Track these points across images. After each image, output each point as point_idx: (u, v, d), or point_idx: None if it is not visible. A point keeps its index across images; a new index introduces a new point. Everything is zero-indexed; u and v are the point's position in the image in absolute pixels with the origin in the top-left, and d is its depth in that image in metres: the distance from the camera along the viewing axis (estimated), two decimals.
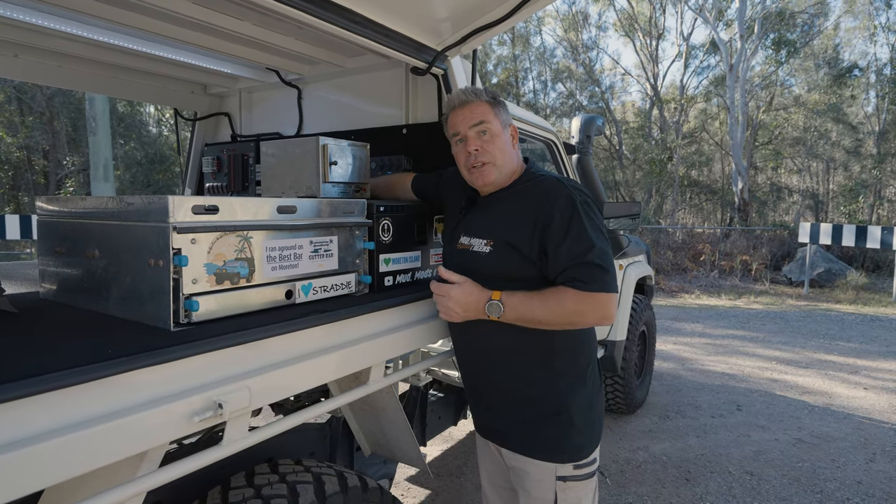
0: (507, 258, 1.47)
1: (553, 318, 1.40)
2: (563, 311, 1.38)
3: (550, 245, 1.41)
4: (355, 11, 1.68)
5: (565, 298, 1.37)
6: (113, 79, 2.65)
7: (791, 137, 19.21)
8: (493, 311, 1.43)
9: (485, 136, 1.53)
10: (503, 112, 1.59)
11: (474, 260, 1.52)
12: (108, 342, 1.05)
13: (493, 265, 1.49)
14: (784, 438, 4.00)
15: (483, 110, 1.54)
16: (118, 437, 0.94)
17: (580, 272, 1.37)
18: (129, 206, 1.22)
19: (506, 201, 1.55)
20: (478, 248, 1.52)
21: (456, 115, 1.58)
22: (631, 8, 20.14)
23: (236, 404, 1.09)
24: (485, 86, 1.60)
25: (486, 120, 1.53)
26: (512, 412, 1.55)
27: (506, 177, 1.57)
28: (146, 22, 1.97)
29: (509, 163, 1.57)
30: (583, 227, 1.39)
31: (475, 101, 1.55)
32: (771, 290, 11.08)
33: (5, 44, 2.14)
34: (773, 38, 17.82)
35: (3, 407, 0.82)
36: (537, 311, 1.40)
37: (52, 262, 1.44)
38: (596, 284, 1.36)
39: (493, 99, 1.57)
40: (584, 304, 1.36)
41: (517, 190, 1.55)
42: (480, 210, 1.61)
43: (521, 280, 1.46)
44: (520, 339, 1.49)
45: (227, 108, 3.05)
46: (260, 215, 1.33)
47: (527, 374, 1.52)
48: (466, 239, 1.58)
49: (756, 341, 6.96)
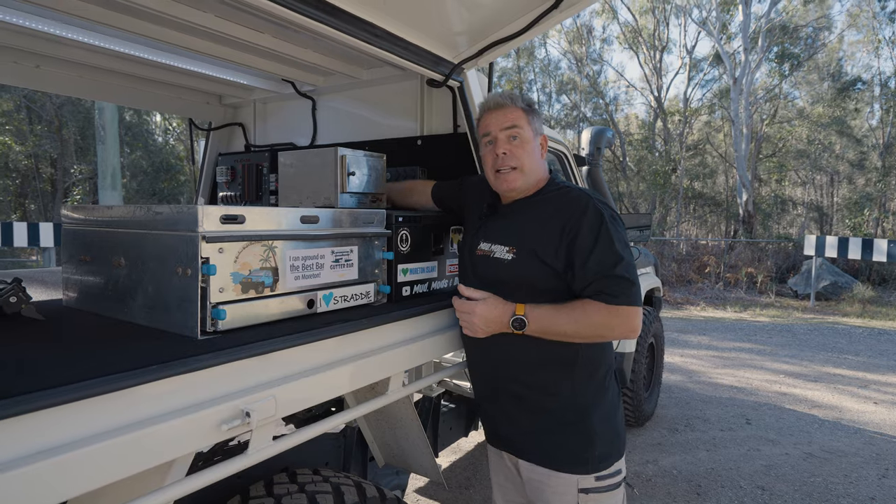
0: (530, 267, 1.45)
1: (579, 331, 1.38)
2: (589, 324, 1.37)
3: (577, 257, 1.40)
4: (377, 25, 1.70)
5: (592, 311, 1.36)
6: (130, 89, 2.69)
7: (795, 150, 19.25)
8: (517, 325, 1.42)
9: (515, 140, 1.52)
10: (536, 120, 1.57)
11: (495, 266, 1.50)
12: (136, 351, 1.06)
13: (515, 273, 1.47)
14: (795, 453, 3.96)
15: (517, 115, 1.53)
16: (147, 446, 0.94)
17: (607, 285, 1.36)
18: (158, 215, 1.23)
19: (530, 210, 1.53)
20: (499, 255, 1.50)
21: (489, 116, 1.57)
22: (635, 21, 20.30)
23: (263, 413, 1.09)
24: (522, 94, 1.60)
25: (519, 125, 1.52)
26: (531, 423, 1.52)
27: (531, 185, 1.56)
28: (166, 33, 2.00)
29: (536, 171, 1.55)
30: (610, 240, 1.38)
31: (510, 105, 1.54)
32: (777, 302, 11.04)
33: (27, 54, 2.18)
34: (776, 52, 17.93)
35: (36, 416, 0.83)
36: (563, 324, 1.39)
37: (76, 270, 1.45)
38: (623, 297, 1.35)
39: (529, 106, 1.56)
40: (612, 318, 1.35)
41: (542, 199, 1.54)
42: (502, 217, 1.59)
43: (543, 290, 1.44)
44: (541, 350, 1.46)
45: (241, 119, 3.08)
46: (284, 225, 1.35)
47: (547, 384, 1.49)
48: (487, 245, 1.55)
49: (763, 354, 6.92)
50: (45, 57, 2.22)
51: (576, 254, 1.40)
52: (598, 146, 3.43)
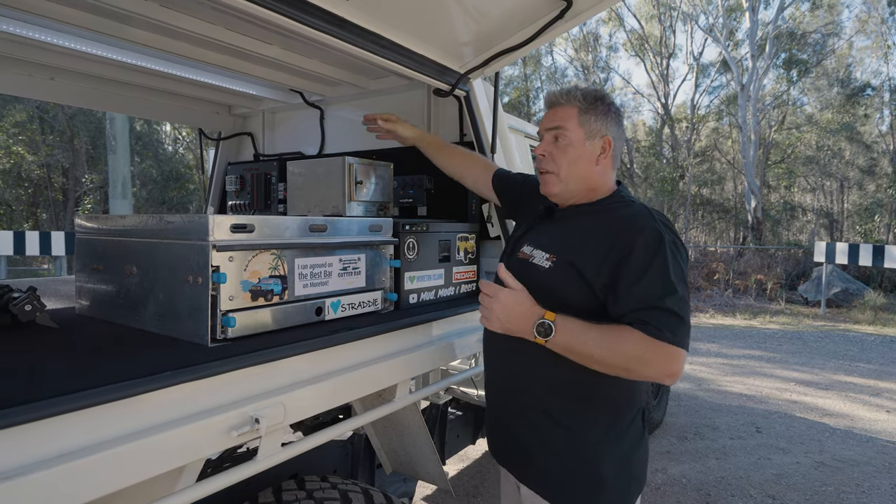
0: (566, 279, 1.30)
1: (608, 359, 1.19)
2: (622, 353, 1.18)
3: (624, 279, 1.22)
4: (384, 36, 1.73)
5: (629, 340, 1.17)
6: (142, 100, 2.73)
7: (804, 156, 19.13)
8: (543, 332, 1.23)
9: (557, 143, 1.38)
10: (597, 121, 1.38)
11: (531, 272, 1.35)
12: (147, 358, 1.08)
13: (549, 283, 1.32)
14: (806, 462, 3.92)
15: (566, 115, 1.38)
16: (158, 452, 0.96)
17: (654, 316, 1.18)
18: (169, 224, 1.26)
19: (583, 219, 1.38)
20: (538, 261, 1.36)
21: (545, 115, 1.45)
22: (641, 28, 20.34)
23: (272, 419, 1.11)
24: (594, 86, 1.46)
25: (565, 126, 1.37)
26: (537, 450, 1.37)
27: (576, 191, 1.40)
28: (177, 46, 2.04)
29: (579, 177, 1.38)
30: (666, 269, 1.21)
31: (564, 105, 1.40)
32: (787, 309, 10.93)
33: (42, 67, 2.23)
34: (784, 58, 17.88)
35: (50, 422, 0.85)
36: (592, 345, 1.20)
37: (89, 279, 1.48)
38: (669, 334, 1.16)
39: (590, 103, 1.38)
40: (650, 353, 1.16)
41: (599, 210, 1.38)
42: (554, 223, 1.45)
43: (575, 307, 1.28)
44: (559, 372, 1.30)
45: (250, 128, 3.12)
46: (292, 234, 1.37)
47: (558, 414, 1.33)
48: (529, 249, 1.41)
49: (773, 362, 6.85)
50: (59, 69, 2.27)
51: (623, 274, 1.22)
52: None
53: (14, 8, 1.65)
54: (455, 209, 2.28)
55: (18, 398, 0.82)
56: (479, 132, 2.14)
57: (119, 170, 8.99)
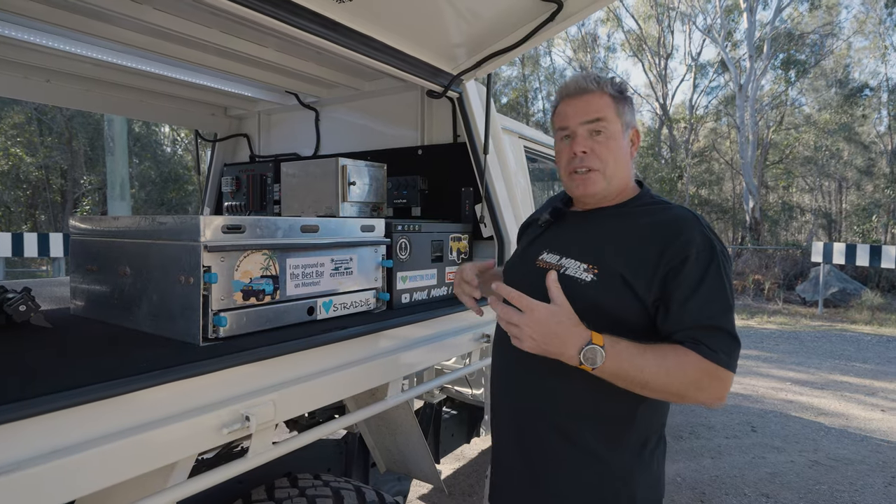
0: (616, 293, 1.14)
1: (664, 384, 1.06)
2: (681, 378, 1.05)
3: (677, 292, 1.10)
4: (375, 39, 1.75)
5: (689, 364, 1.05)
6: (138, 102, 2.75)
7: (802, 156, 19.18)
8: (591, 359, 1.04)
9: (598, 136, 1.23)
10: (629, 111, 1.26)
11: (568, 287, 1.15)
12: (139, 357, 1.09)
13: (596, 299, 1.15)
14: (800, 460, 3.93)
15: (602, 104, 1.23)
16: (150, 448, 0.98)
17: (710, 337, 1.07)
18: (161, 225, 1.27)
19: (618, 223, 1.23)
20: (574, 273, 1.19)
21: (568, 105, 1.26)
22: (639, 29, 20.38)
23: (262, 417, 1.12)
24: (613, 77, 1.31)
25: (604, 117, 1.22)
26: (559, 489, 1.21)
27: (614, 191, 1.27)
28: (172, 48, 2.06)
29: (622, 174, 1.26)
30: (721, 283, 1.10)
31: (595, 91, 1.24)
32: (784, 309, 10.96)
33: (39, 70, 2.24)
34: (782, 59, 17.92)
35: (43, 419, 0.86)
36: (649, 370, 1.05)
37: (83, 280, 1.50)
38: (725, 357, 1.06)
39: (619, 92, 1.25)
40: (707, 378, 1.05)
41: (634, 212, 1.24)
42: (576, 226, 1.30)
43: (628, 326, 1.12)
44: (598, 394, 1.14)
45: (246, 130, 3.14)
46: (284, 234, 1.38)
47: (593, 444, 1.17)
48: (554, 257, 1.25)
49: (770, 361, 6.87)
50: (55, 72, 2.29)
51: (675, 287, 1.10)
52: None
53: (9, 11, 1.67)
54: (449, 210, 2.30)
55: (12, 396, 0.84)
56: (472, 133, 2.16)
57: (117, 171, 9.00)
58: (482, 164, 2.12)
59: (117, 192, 9.05)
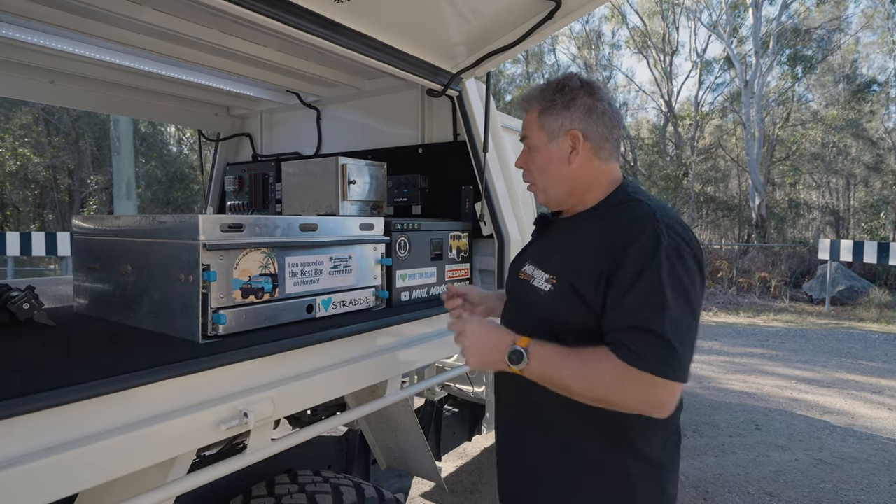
0: (568, 302, 1.12)
1: (585, 390, 1.04)
2: (600, 383, 1.02)
3: (611, 294, 1.06)
4: (374, 38, 1.76)
5: (606, 368, 1.01)
6: (142, 102, 2.77)
7: (809, 153, 19.03)
8: (515, 360, 1.07)
9: (530, 153, 1.26)
10: (556, 118, 1.20)
11: (530, 296, 1.20)
12: (139, 354, 1.11)
13: (551, 308, 1.16)
14: (805, 459, 3.92)
15: (528, 121, 1.26)
16: (150, 443, 0.99)
17: (634, 338, 1.00)
18: (162, 224, 1.29)
19: (582, 228, 1.21)
20: (538, 283, 1.19)
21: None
22: (644, 26, 20.28)
23: (261, 414, 1.14)
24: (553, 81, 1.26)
25: (528, 134, 1.25)
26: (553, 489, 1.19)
27: (568, 197, 1.25)
28: (175, 49, 2.07)
29: (557, 183, 1.24)
30: (658, 281, 1.01)
31: (527, 110, 1.27)
32: (791, 307, 10.89)
33: (43, 71, 2.27)
34: (788, 54, 17.80)
35: (45, 413, 0.88)
36: (567, 375, 1.04)
37: (86, 278, 1.52)
38: (650, 361, 0.98)
39: (548, 101, 1.22)
40: (623, 382, 1.00)
41: (599, 215, 1.20)
42: (553, 235, 1.30)
43: (583, 334, 1.10)
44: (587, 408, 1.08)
45: (248, 129, 3.15)
46: (283, 233, 1.39)
47: (588, 454, 1.15)
48: (531, 268, 1.24)
49: (776, 360, 6.84)
50: (59, 73, 2.31)
51: (613, 285, 1.06)
52: None
53: (14, 14, 1.69)
54: (449, 208, 2.31)
55: (13, 391, 0.85)
56: (472, 132, 2.16)
57: (123, 171, 9.06)
58: (482, 163, 2.12)
59: (123, 192, 9.12)
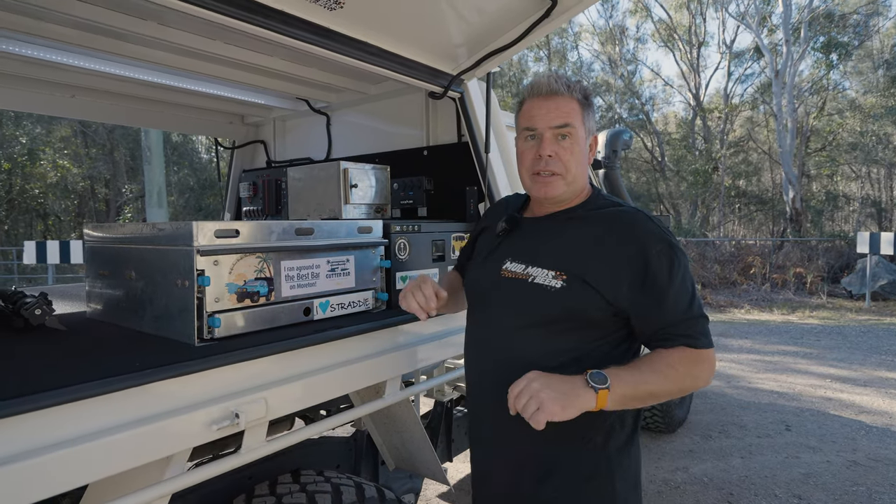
0: (584, 298, 1.16)
1: (668, 388, 1.13)
2: (678, 377, 1.11)
3: (649, 296, 1.14)
4: (371, 43, 1.78)
5: (678, 361, 1.12)
6: (159, 113, 2.87)
7: (847, 143, 18.32)
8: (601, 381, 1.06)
9: (564, 141, 1.24)
10: (591, 117, 1.28)
11: (537, 295, 1.20)
12: (139, 357, 1.15)
13: (566, 305, 1.17)
14: (837, 461, 3.78)
15: (571, 110, 1.24)
16: (147, 440, 1.04)
17: (690, 327, 1.13)
18: (161, 231, 1.34)
19: (578, 227, 1.26)
20: (542, 281, 1.20)
21: (536, 105, 1.26)
22: (669, 18, 19.88)
23: (253, 414, 1.17)
24: (580, 81, 1.31)
25: (572, 124, 1.23)
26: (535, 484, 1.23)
27: (573, 194, 1.29)
28: (188, 62, 2.14)
29: (582, 179, 1.29)
30: (685, 275, 1.16)
31: (564, 94, 1.24)
32: (829, 303, 10.51)
33: (63, 86, 2.37)
34: (822, 41, 17.17)
35: (50, 412, 0.93)
36: (652, 381, 1.10)
37: (96, 284, 1.58)
38: (705, 339, 1.14)
39: (585, 98, 1.27)
40: (699, 365, 1.13)
41: (590, 215, 1.26)
42: (535, 232, 1.30)
43: (595, 328, 1.19)
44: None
45: (262, 136, 3.23)
46: (278, 238, 1.43)
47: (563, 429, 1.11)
48: (519, 266, 1.25)
49: (810, 357, 6.61)
50: (79, 88, 2.41)
51: (648, 290, 1.14)
52: (615, 149, 3.41)
53: (38, 35, 1.77)
54: (454, 209, 2.32)
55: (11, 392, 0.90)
56: (474, 132, 2.17)
57: (154, 179, 9.38)
58: (484, 163, 2.13)
59: (155, 200, 9.43)
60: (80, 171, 16.00)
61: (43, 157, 15.32)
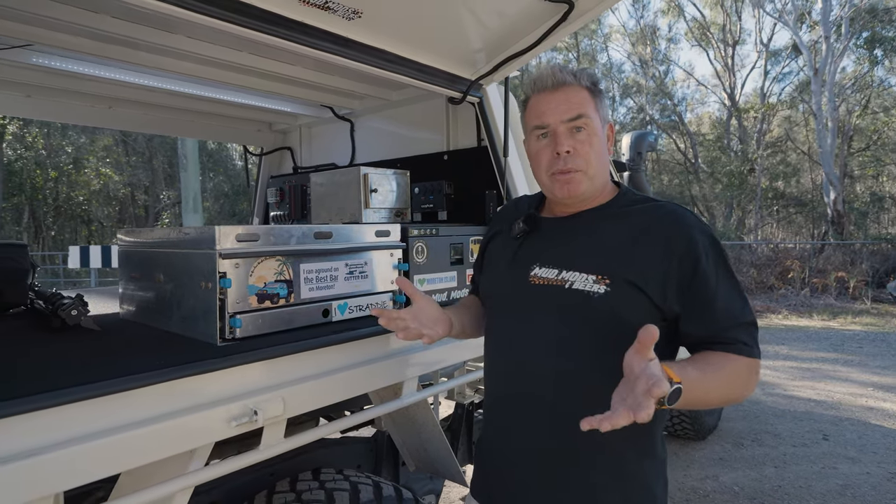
0: (631, 302, 1.07)
1: (726, 395, 1.07)
2: (737, 383, 1.05)
3: (698, 295, 1.06)
4: (389, 52, 1.82)
5: (736, 367, 1.04)
6: (192, 123, 2.99)
7: (893, 142, 17.57)
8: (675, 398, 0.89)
9: (580, 134, 1.15)
10: (603, 105, 1.20)
11: (579, 302, 1.09)
12: (165, 356, 1.21)
13: (613, 310, 1.07)
14: (877, 472, 3.63)
15: (582, 99, 1.15)
16: (173, 434, 1.09)
17: (743, 334, 1.05)
18: (186, 236, 1.40)
19: (612, 226, 1.15)
20: (582, 286, 1.10)
21: (544, 100, 1.17)
22: (703, 17, 19.47)
23: (271, 412, 1.21)
24: (585, 68, 1.25)
25: (586, 114, 1.14)
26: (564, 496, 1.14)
27: (597, 191, 1.20)
28: (216, 73, 2.23)
29: (603, 172, 1.19)
30: (731, 275, 1.10)
31: (572, 84, 1.16)
32: (873, 309, 10.09)
33: (101, 98, 2.49)
34: (865, 37, 16.53)
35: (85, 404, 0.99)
36: (713, 387, 1.01)
37: (128, 287, 1.66)
38: (757, 348, 1.07)
39: (594, 85, 1.18)
40: (751, 375, 1.05)
41: (624, 212, 1.17)
42: (563, 234, 1.20)
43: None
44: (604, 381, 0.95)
45: (289, 143, 3.32)
46: (297, 241, 1.47)
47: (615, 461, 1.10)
48: (551, 271, 1.15)
49: (851, 365, 6.36)
50: (116, 99, 2.53)
51: (695, 291, 1.06)
52: (640, 151, 3.37)
53: (73, 50, 1.88)
54: (475, 213, 2.34)
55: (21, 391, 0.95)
56: (493, 136, 2.19)
57: (190, 186, 9.69)
58: (503, 167, 2.14)
59: (190, 206, 9.74)
60: (122, 178, 16.66)
61: (87, 165, 16.02)
